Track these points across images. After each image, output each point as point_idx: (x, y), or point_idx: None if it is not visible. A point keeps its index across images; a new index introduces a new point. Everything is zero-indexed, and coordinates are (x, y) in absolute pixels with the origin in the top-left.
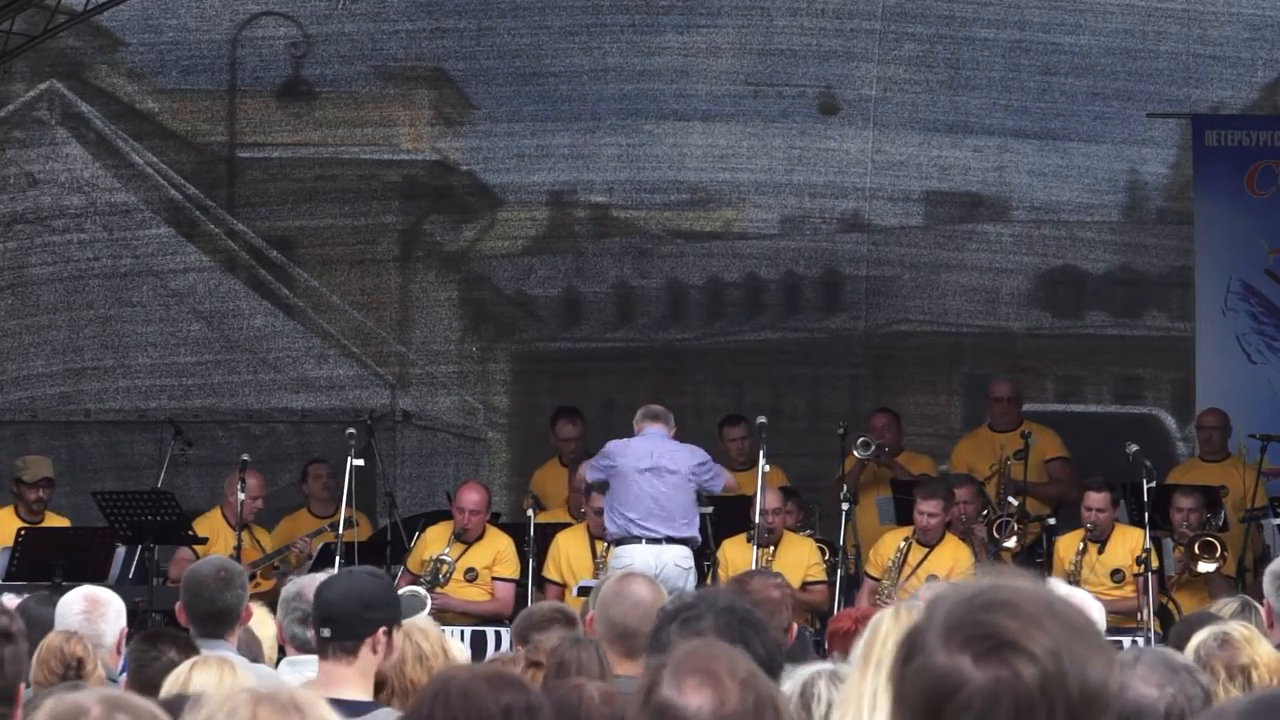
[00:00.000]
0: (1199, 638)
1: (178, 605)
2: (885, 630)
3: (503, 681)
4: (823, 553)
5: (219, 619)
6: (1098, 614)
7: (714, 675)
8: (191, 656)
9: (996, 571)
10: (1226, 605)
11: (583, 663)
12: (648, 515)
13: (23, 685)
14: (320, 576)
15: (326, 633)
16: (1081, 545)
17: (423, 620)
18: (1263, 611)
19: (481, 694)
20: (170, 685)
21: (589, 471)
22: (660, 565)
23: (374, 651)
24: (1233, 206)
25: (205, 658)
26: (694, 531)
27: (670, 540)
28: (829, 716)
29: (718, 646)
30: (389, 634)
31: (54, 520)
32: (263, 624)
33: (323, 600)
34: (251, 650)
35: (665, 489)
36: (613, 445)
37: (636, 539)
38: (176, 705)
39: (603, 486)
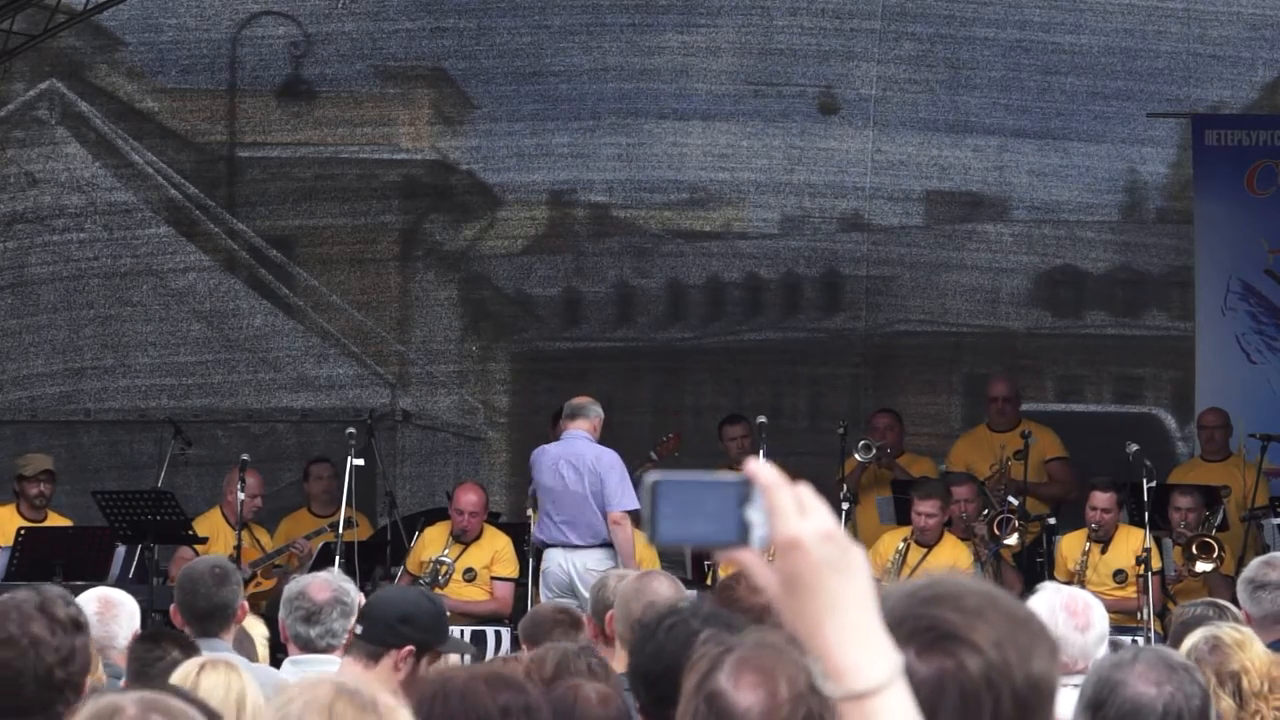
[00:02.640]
0: (1190, 641)
1: (172, 606)
2: None
3: (501, 681)
4: None
5: (215, 616)
6: (1099, 613)
7: (772, 679)
8: (193, 655)
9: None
10: (1194, 608)
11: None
12: (560, 521)
13: (89, 678)
14: (322, 575)
15: (358, 630)
16: (1085, 545)
17: None
18: (1241, 615)
19: (480, 694)
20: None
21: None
22: (574, 571)
23: (396, 668)
24: (1233, 206)
25: (214, 660)
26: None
27: (582, 546)
28: None
29: (786, 650)
30: (418, 658)
31: (57, 520)
32: (252, 624)
33: (368, 600)
34: (244, 649)
35: (569, 493)
36: (533, 455)
37: (555, 544)
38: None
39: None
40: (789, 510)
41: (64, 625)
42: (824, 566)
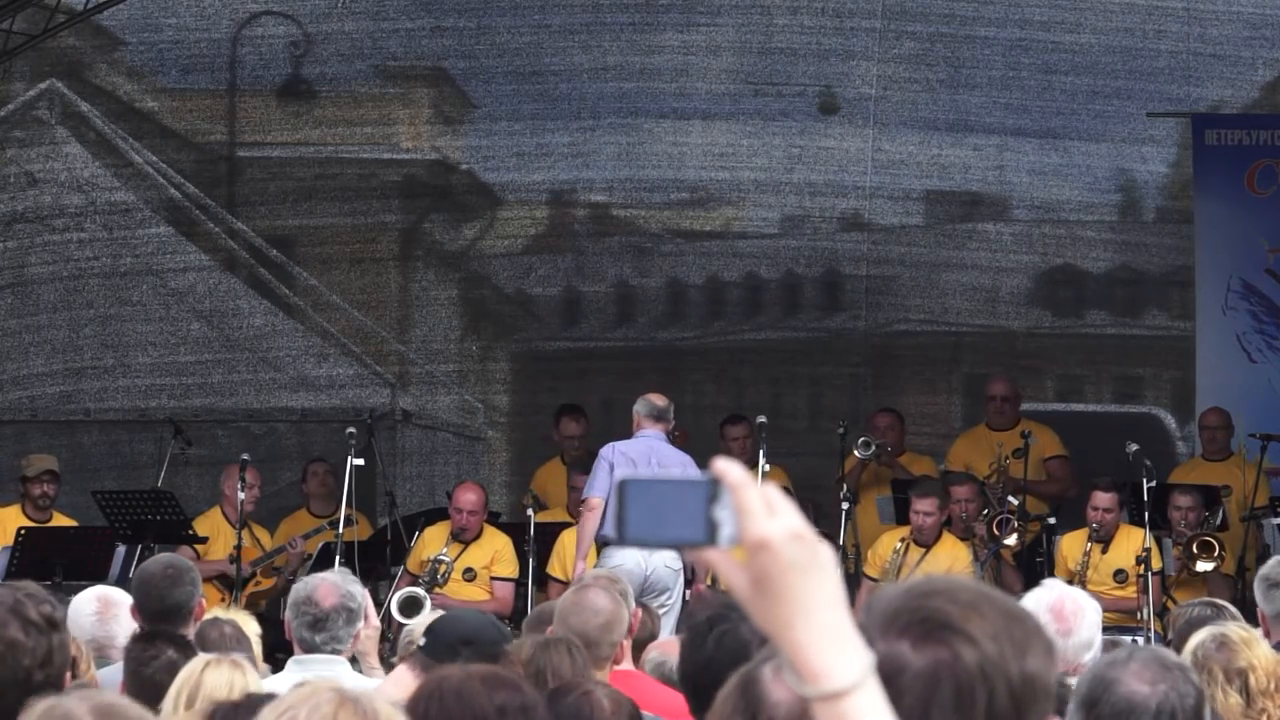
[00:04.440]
0: (1197, 639)
1: (130, 605)
2: None
3: (497, 681)
4: None
5: (169, 616)
6: (1094, 613)
7: None
8: (188, 655)
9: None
10: (1193, 608)
11: (555, 666)
12: None
13: (68, 675)
14: (330, 578)
15: (421, 642)
16: (1086, 545)
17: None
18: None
19: (476, 693)
20: (181, 686)
21: (597, 493)
22: (650, 568)
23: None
24: (1233, 206)
25: (218, 659)
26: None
27: None
28: None
29: None
30: None
31: (62, 520)
32: (246, 621)
33: (438, 618)
34: (243, 648)
35: None
36: (607, 453)
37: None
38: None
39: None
40: (757, 510)
41: (38, 625)
42: (793, 567)
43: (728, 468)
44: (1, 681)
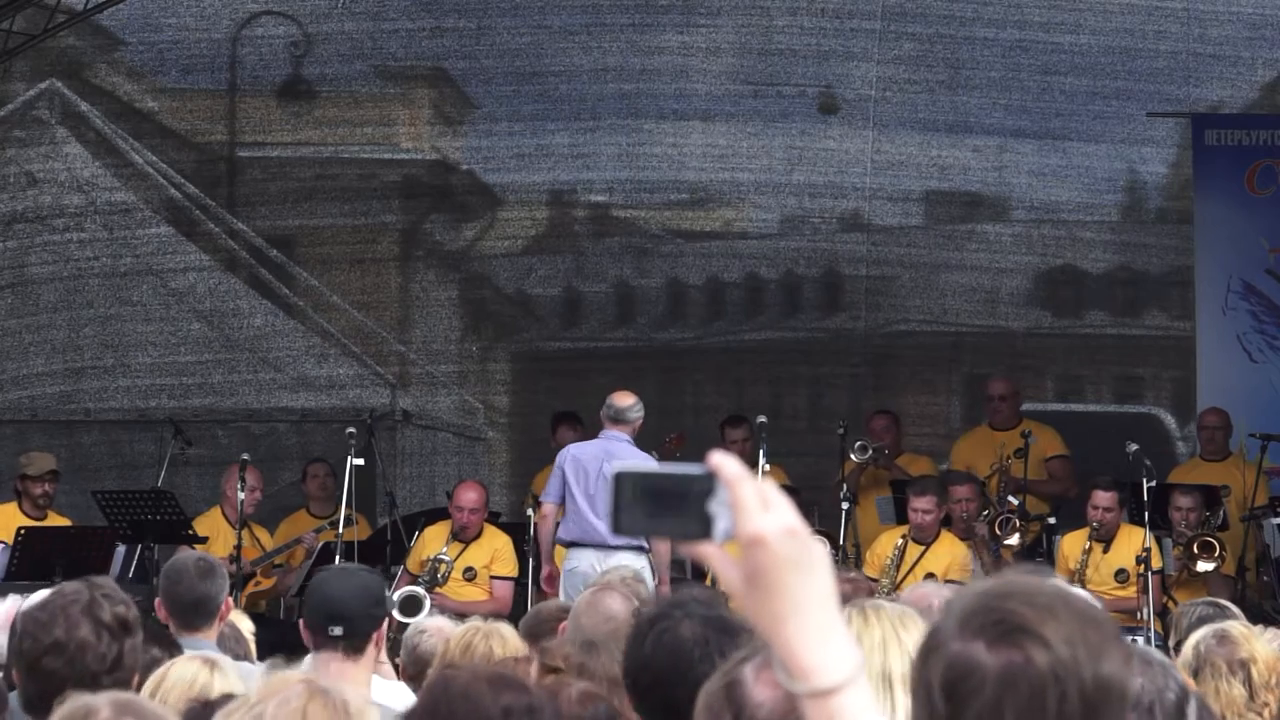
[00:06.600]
0: (1198, 635)
1: (156, 600)
2: (855, 630)
3: (503, 682)
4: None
5: (198, 609)
6: None
7: None
8: (173, 653)
9: (1012, 571)
10: (1196, 607)
11: (599, 666)
12: (597, 520)
13: (136, 676)
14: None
15: (338, 631)
16: (1086, 544)
17: (505, 628)
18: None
19: (482, 695)
20: (150, 681)
21: (549, 498)
22: (605, 570)
23: (376, 646)
24: (1233, 206)
25: (189, 656)
26: (641, 539)
27: (618, 547)
28: None
29: None
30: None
31: (57, 519)
32: (238, 619)
33: (333, 598)
34: (234, 648)
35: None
36: (561, 458)
37: (589, 544)
38: (199, 714)
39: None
40: (752, 505)
41: (110, 628)
42: (787, 564)
43: (724, 462)
44: (67, 683)
